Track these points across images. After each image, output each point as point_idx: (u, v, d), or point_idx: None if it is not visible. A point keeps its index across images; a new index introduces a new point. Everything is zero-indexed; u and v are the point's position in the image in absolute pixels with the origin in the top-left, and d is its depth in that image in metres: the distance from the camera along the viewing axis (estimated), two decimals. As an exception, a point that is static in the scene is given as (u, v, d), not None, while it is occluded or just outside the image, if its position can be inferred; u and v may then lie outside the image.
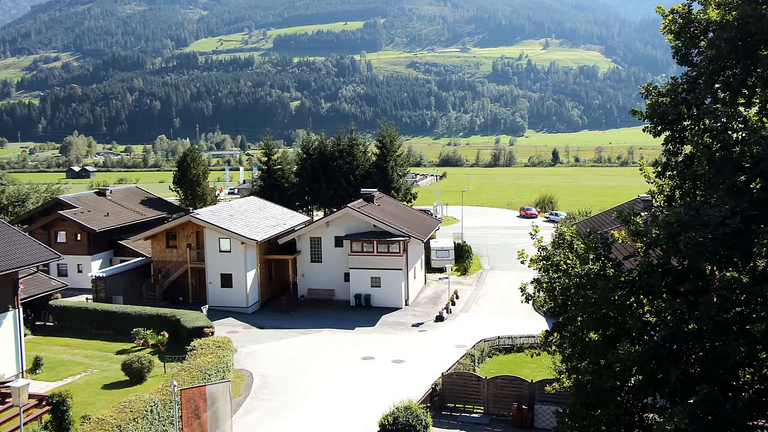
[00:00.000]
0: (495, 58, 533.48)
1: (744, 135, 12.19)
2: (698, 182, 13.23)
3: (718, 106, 13.15)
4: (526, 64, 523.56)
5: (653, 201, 14.75)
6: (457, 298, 48.78)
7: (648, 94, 14.47)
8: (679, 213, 11.78)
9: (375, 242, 46.73)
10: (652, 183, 14.76)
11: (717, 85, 13.72)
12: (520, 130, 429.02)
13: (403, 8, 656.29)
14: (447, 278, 52.71)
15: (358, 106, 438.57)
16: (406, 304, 47.52)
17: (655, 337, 12.08)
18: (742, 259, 11.62)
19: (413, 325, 43.10)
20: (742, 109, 13.33)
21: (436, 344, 38.66)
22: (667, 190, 14.42)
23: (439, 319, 43.94)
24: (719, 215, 11.09)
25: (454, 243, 60.86)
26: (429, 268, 57.42)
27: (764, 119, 12.32)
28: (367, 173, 73.30)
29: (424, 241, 50.87)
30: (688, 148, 13.97)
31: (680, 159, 14.17)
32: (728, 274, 12.04)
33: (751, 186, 11.83)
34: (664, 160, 14.62)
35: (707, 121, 12.92)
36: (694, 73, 14.03)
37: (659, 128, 14.11)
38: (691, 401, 11.19)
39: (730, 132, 12.39)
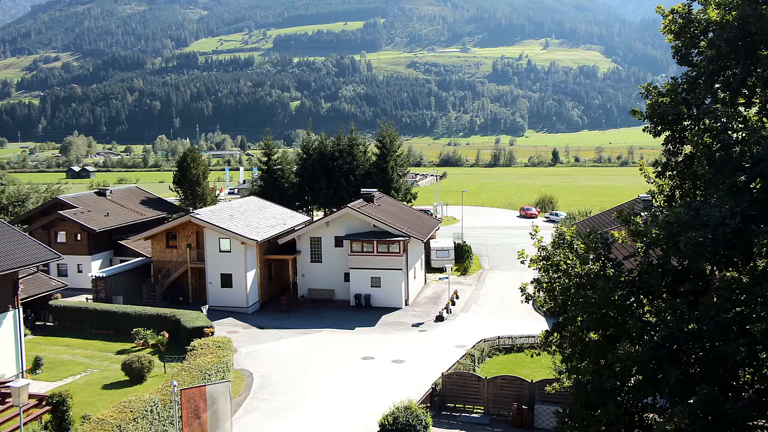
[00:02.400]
0: (495, 58, 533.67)
1: (744, 135, 12.19)
2: (698, 182, 13.22)
3: (718, 106, 13.14)
4: (526, 64, 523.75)
5: (653, 201, 14.74)
6: (457, 298, 48.78)
7: (648, 94, 14.45)
8: (679, 213, 11.78)
9: (375, 242, 46.72)
10: (652, 183, 14.75)
11: (717, 85, 13.69)
12: (520, 130, 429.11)
13: (403, 8, 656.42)
14: (447, 278, 52.71)
15: (358, 106, 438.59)
16: (406, 304, 47.52)
17: (655, 337, 12.08)
18: (742, 259, 11.62)
19: (413, 325, 43.10)
20: (742, 109, 13.32)
21: (436, 344, 38.65)
22: (667, 190, 14.41)
23: (439, 319, 43.94)
24: (719, 215, 11.09)
25: (454, 243, 60.86)
26: (429, 268, 57.41)
27: (764, 119, 12.32)
28: (367, 173, 73.30)
29: (424, 241, 50.86)
30: (688, 148, 13.95)
31: (680, 159, 14.16)
32: (728, 274, 12.03)
33: (751, 186, 11.83)
34: (664, 160, 14.61)
35: (707, 121, 12.91)
36: (694, 73, 14.01)
37: (659, 128, 14.10)
38: (691, 401, 11.18)
39: (730, 132, 12.37)
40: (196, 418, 23.33)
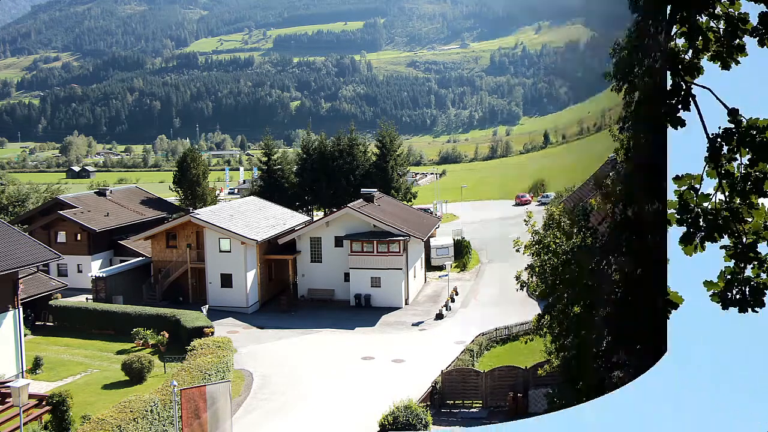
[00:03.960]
0: (493, 50, 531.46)
1: None
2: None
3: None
4: (521, 52, 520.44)
5: (617, 158, 14.54)
6: (457, 294, 48.78)
7: (614, 53, 14.25)
8: None
9: (375, 242, 46.72)
10: (616, 140, 14.54)
11: None
12: (516, 119, 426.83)
13: (402, 7, 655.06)
14: (446, 275, 52.68)
15: (358, 106, 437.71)
16: (406, 304, 47.52)
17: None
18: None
19: (413, 325, 43.10)
20: None
21: (436, 342, 38.66)
22: (626, 143, 14.16)
23: (439, 317, 43.96)
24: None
25: (454, 240, 60.83)
26: (429, 266, 57.42)
27: None
28: (367, 173, 73.23)
29: (424, 240, 50.89)
30: None
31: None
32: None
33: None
34: (623, 114, 14.36)
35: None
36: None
37: (620, 84, 13.85)
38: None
39: None
40: (196, 418, 23.38)
